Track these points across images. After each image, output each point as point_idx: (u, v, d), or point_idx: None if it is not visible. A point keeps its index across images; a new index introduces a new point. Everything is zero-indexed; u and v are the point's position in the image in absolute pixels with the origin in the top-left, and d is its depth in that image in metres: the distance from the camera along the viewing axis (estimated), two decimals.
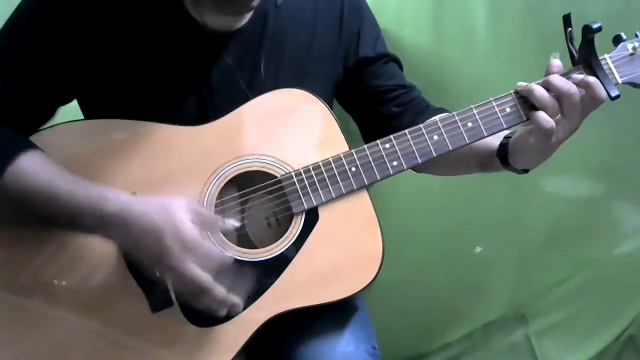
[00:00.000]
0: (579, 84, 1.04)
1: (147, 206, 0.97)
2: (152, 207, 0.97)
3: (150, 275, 0.98)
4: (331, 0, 1.22)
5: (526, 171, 1.13)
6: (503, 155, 1.11)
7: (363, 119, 1.29)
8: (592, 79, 1.04)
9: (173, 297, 1.03)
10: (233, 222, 1.02)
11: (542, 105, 1.03)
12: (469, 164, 1.19)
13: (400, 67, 1.30)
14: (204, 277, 0.95)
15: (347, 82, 1.25)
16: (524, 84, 1.07)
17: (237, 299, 0.99)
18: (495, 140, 1.13)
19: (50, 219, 0.99)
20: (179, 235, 0.94)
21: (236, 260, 1.04)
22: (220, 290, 0.97)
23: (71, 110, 1.15)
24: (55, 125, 1.07)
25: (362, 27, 1.24)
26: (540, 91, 1.04)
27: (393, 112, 1.24)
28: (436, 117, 1.10)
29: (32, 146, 1.02)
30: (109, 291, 1.02)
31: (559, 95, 1.03)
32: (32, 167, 1.00)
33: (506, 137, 1.11)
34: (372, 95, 1.25)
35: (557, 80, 1.04)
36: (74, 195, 0.98)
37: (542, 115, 1.03)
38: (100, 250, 1.02)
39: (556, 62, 1.07)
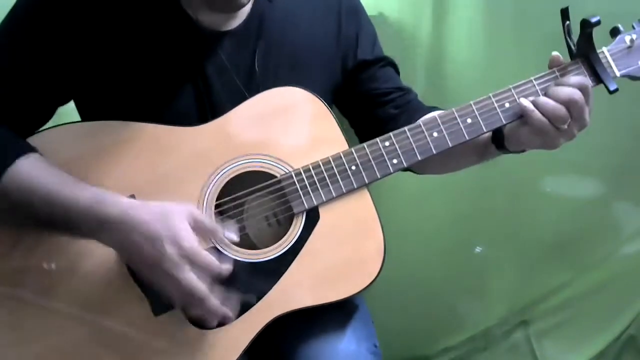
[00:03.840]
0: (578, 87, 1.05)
1: (146, 211, 0.96)
2: (152, 212, 0.96)
3: (148, 280, 0.98)
4: (328, 2, 1.23)
5: (523, 150, 1.13)
6: (499, 141, 1.12)
7: (360, 121, 1.28)
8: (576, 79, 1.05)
9: None
10: (232, 236, 1.03)
11: (554, 118, 1.04)
12: (466, 155, 1.19)
13: (397, 71, 1.31)
14: (200, 286, 0.95)
15: (345, 85, 1.25)
16: (528, 102, 1.06)
17: (229, 312, 0.99)
18: None
19: (49, 223, 0.99)
20: (177, 243, 0.94)
21: (237, 261, 1.03)
22: (214, 301, 0.97)
23: (68, 112, 1.15)
24: (53, 127, 1.06)
25: (361, 31, 1.25)
26: (550, 106, 1.04)
27: (390, 114, 1.24)
28: (435, 114, 1.10)
29: (30, 149, 1.01)
30: (111, 294, 1.02)
31: (565, 105, 1.04)
32: (31, 170, 0.99)
33: None
34: (370, 98, 1.25)
35: (559, 91, 1.04)
36: (73, 198, 0.97)
37: (536, 115, 1.04)
38: (102, 254, 1.00)
39: (556, 56, 1.08)
